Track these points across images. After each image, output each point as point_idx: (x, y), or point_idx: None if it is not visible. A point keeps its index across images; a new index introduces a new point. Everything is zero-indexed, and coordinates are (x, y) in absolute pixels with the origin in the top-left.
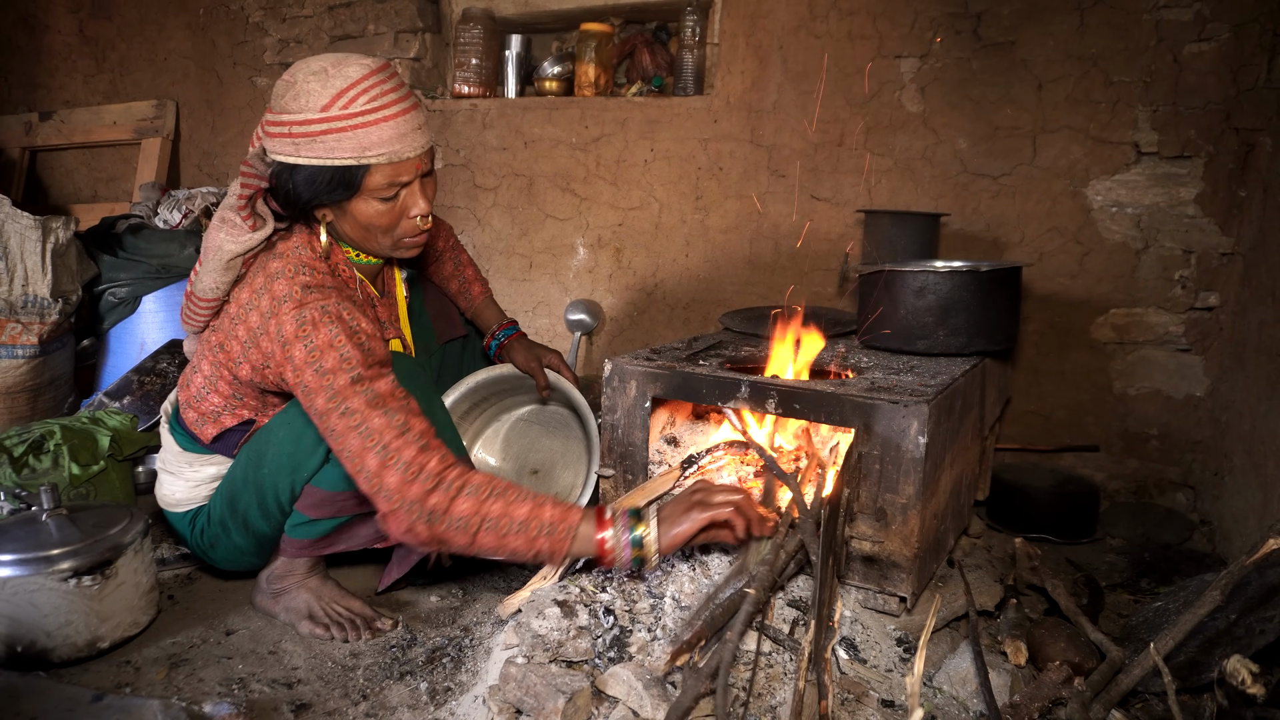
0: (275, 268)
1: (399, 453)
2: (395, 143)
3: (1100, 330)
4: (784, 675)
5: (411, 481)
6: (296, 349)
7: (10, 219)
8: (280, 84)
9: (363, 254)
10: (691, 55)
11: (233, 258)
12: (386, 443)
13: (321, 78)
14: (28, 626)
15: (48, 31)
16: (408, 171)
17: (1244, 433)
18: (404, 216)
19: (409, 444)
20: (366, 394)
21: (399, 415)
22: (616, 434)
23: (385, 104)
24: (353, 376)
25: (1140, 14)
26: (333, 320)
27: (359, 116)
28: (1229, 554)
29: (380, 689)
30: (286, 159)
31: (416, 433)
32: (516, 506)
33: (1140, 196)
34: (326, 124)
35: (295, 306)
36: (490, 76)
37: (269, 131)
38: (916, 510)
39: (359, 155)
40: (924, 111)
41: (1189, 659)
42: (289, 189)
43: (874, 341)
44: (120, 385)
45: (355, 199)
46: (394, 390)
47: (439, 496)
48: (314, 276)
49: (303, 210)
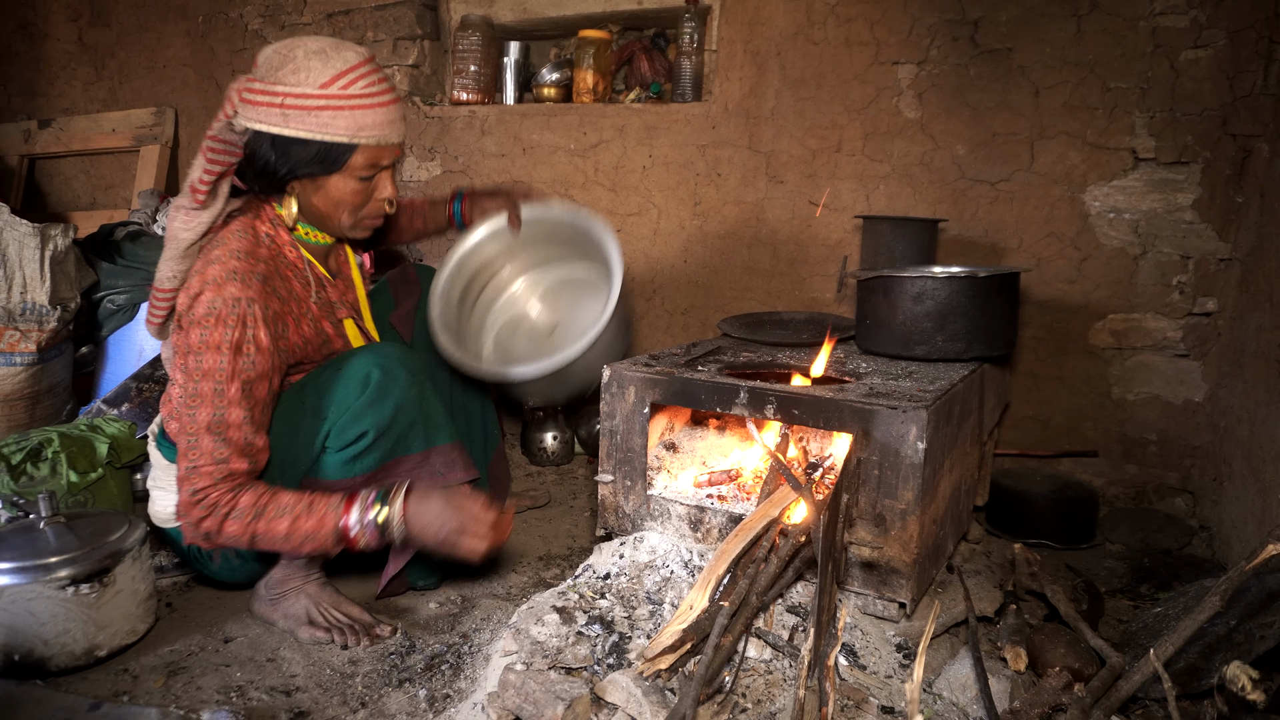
0: (214, 255)
1: (200, 476)
2: (385, 128)
3: (1098, 336)
4: (784, 681)
5: (194, 505)
6: (194, 332)
7: (9, 226)
8: (274, 56)
9: (314, 233)
10: (690, 62)
11: (189, 245)
12: (198, 464)
13: (322, 57)
14: (25, 635)
15: (47, 39)
16: (388, 156)
17: (1243, 438)
18: (373, 198)
19: (213, 475)
20: (215, 414)
21: (225, 449)
22: (615, 439)
23: (378, 91)
24: (216, 389)
25: (1137, 21)
26: (235, 323)
27: (357, 99)
28: (1228, 559)
29: (379, 696)
30: (269, 128)
31: (228, 470)
32: (278, 523)
33: (1138, 202)
34: (325, 100)
35: (214, 292)
36: (489, 83)
37: (254, 100)
38: (915, 516)
39: (353, 134)
40: (922, 118)
41: (1189, 665)
42: (268, 159)
43: (872, 347)
44: (119, 392)
45: (335, 175)
46: (240, 424)
47: (211, 522)
48: (245, 263)
49: (277, 182)
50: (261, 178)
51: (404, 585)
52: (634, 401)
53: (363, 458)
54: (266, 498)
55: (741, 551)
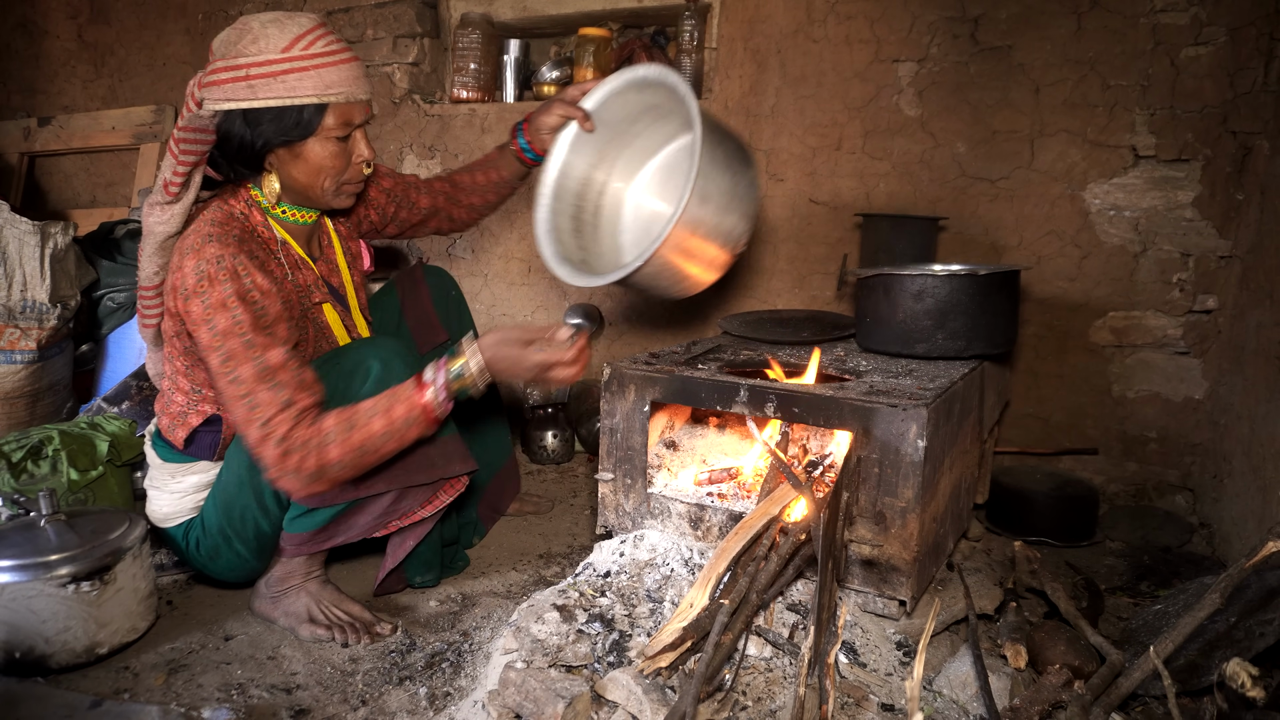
0: (187, 232)
1: (276, 428)
2: (351, 84)
3: (1099, 333)
4: (784, 679)
5: (286, 455)
6: (195, 304)
7: (9, 224)
8: (229, 34)
9: (295, 212)
10: (690, 59)
11: (166, 238)
12: (269, 417)
13: (278, 24)
14: (26, 632)
15: (46, 37)
16: (359, 113)
17: (1243, 435)
18: (352, 160)
19: (286, 420)
20: (256, 364)
21: (285, 390)
22: (615, 438)
23: (338, 49)
24: (245, 341)
25: (1137, 18)
26: (228, 277)
27: (319, 57)
28: (1228, 557)
29: (379, 694)
30: (239, 104)
31: (298, 409)
32: (372, 424)
33: (1138, 200)
34: (289, 63)
35: (195, 257)
36: (489, 81)
37: (218, 80)
38: (916, 514)
39: (321, 93)
40: (922, 115)
41: (1189, 662)
42: (243, 136)
43: (872, 345)
44: (119, 390)
45: (311, 139)
46: (285, 362)
47: (312, 460)
48: (218, 229)
49: (253, 159)
50: (238, 157)
51: (401, 582)
52: (634, 400)
53: None
54: (347, 411)
55: (742, 549)
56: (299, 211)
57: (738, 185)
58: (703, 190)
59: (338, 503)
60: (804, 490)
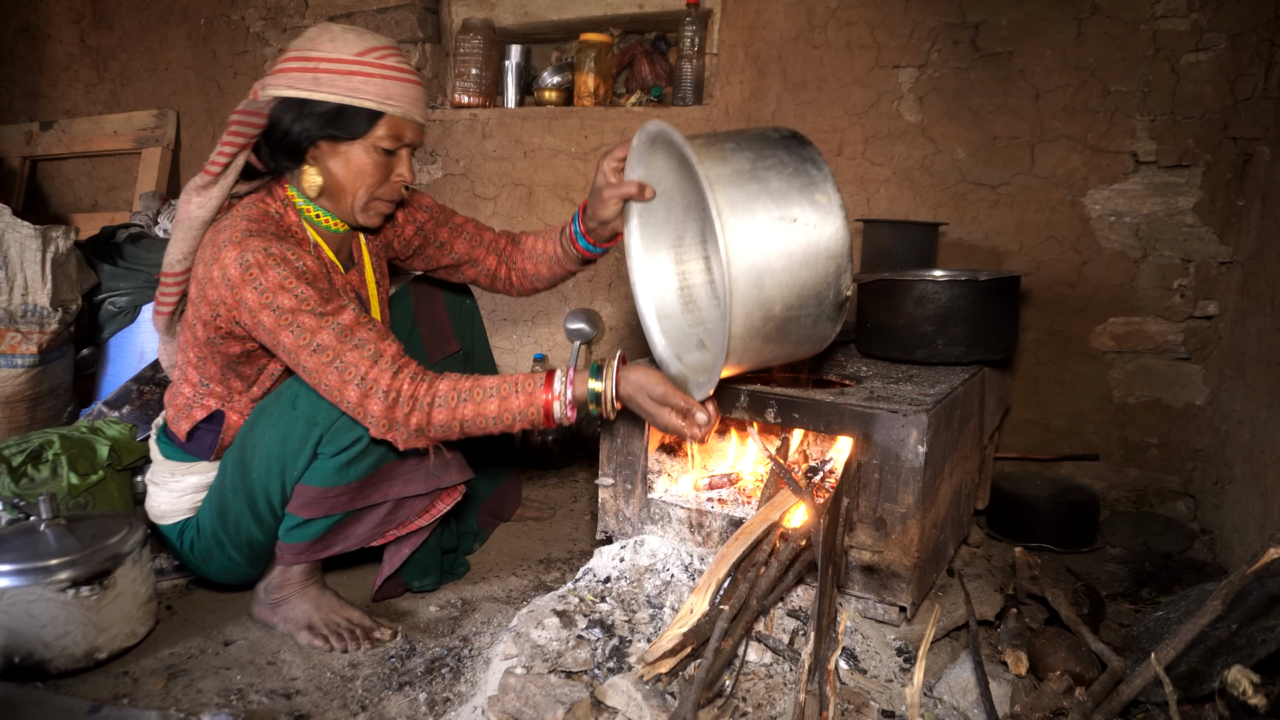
0: (223, 225)
1: (377, 381)
2: (410, 103)
3: (1099, 339)
4: (784, 685)
5: (394, 406)
6: (247, 292)
7: (10, 228)
8: (310, 31)
9: (328, 218)
10: (691, 65)
11: (202, 223)
12: (364, 373)
13: (357, 32)
14: (25, 637)
15: (49, 41)
16: (410, 133)
17: (1244, 441)
18: (390, 177)
19: (384, 371)
20: (334, 328)
21: (370, 345)
22: (616, 443)
23: (407, 70)
24: (314, 313)
25: (1138, 24)
26: (277, 262)
27: (388, 69)
28: (1230, 563)
29: (379, 700)
30: (300, 93)
31: (389, 358)
32: (486, 404)
33: (1138, 205)
34: (359, 65)
35: (236, 249)
36: (490, 86)
37: (286, 69)
38: (916, 519)
39: (381, 100)
40: (922, 121)
41: (1190, 669)
42: (292, 124)
43: (873, 350)
44: (119, 395)
45: (357, 143)
46: (358, 319)
47: (418, 416)
48: (258, 224)
49: (296, 148)
50: (282, 145)
51: (400, 587)
52: None
53: (356, 463)
54: (467, 383)
55: (742, 555)
56: (333, 219)
57: (789, 187)
58: (741, 237)
59: (335, 512)
60: (804, 496)
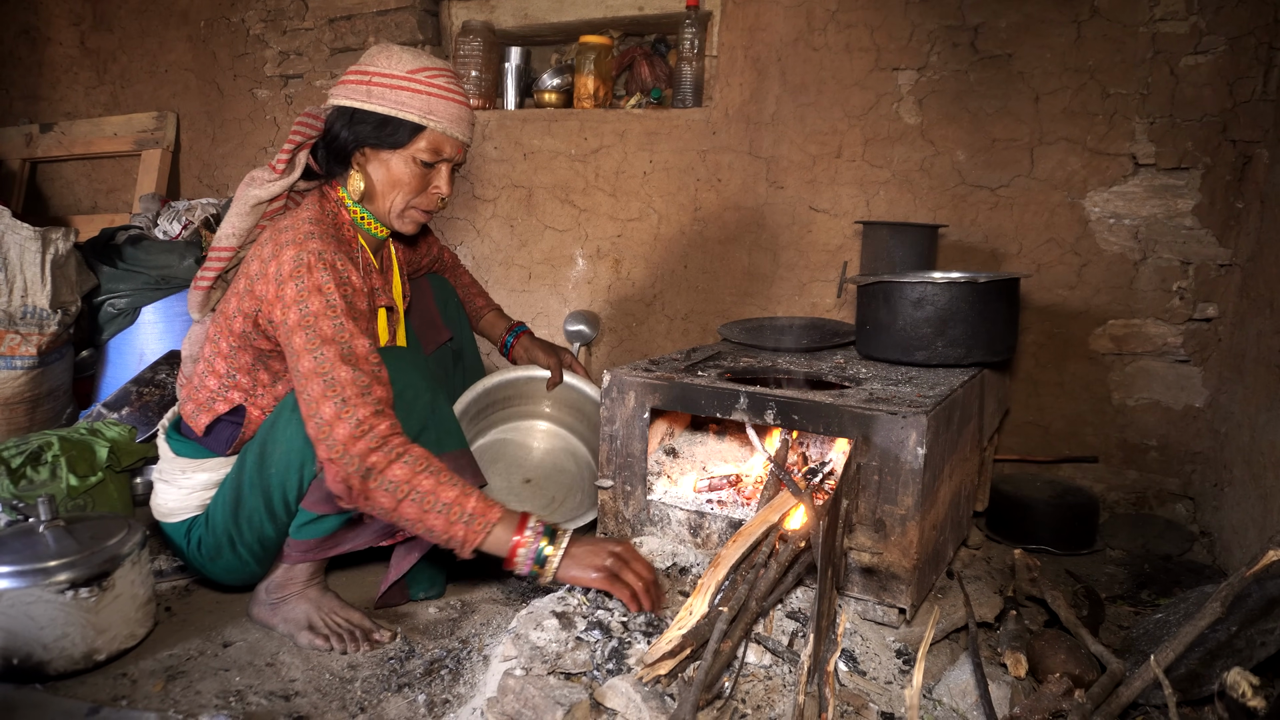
0: (283, 224)
1: (355, 409)
2: (453, 121)
3: (1099, 341)
4: (783, 687)
5: (359, 438)
6: (289, 287)
7: (10, 230)
8: (374, 49)
9: (370, 221)
10: (690, 67)
11: (258, 203)
12: (347, 397)
13: (414, 52)
14: (24, 639)
15: (49, 44)
16: (450, 149)
17: (1243, 444)
18: (428, 188)
19: (366, 404)
20: (342, 347)
21: (365, 378)
22: (615, 445)
23: (455, 90)
24: (335, 324)
25: (1137, 27)
26: (326, 266)
27: (436, 89)
28: (1229, 565)
29: (378, 701)
30: (353, 103)
31: (375, 398)
32: (445, 489)
33: (1138, 208)
34: (408, 82)
35: (296, 249)
36: (490, 88)
37: (347, 80)
38: (915, 521)
39: (423, 115)
40: (922, 124)
41: (1190, 671)
42: (342, 133)
43: (872, 352)
44: (119, 396)
45: (399, 152)
46: (369, 354)
47: (379, 456)
48: (318, 227)
49: (344, 152)
50: (332, 148)
51: (403, 596)
52: (634, 407)
53: None
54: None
55: (741, 557)
56: (375, 222)
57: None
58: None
59: (346, 510)
60: (803, 498)
